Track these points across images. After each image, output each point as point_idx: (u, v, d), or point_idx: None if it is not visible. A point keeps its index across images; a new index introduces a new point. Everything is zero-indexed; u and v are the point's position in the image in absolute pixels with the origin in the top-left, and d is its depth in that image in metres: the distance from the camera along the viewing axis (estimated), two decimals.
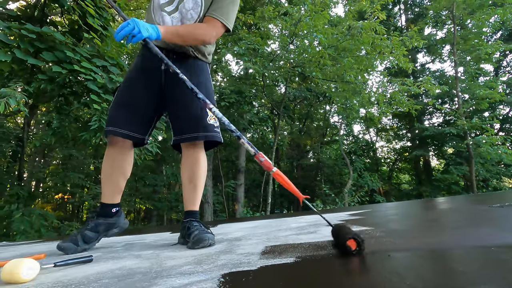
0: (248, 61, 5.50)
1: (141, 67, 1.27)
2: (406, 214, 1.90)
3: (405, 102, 6.48)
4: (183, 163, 1.27)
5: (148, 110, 1.25)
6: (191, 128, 1.21)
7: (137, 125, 1.22)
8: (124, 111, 1.21)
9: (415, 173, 14.99)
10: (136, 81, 1.25)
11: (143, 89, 1.23)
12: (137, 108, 1.22)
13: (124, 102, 1.23)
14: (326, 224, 1.49)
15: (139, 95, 1.23)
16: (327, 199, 11.13)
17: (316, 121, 15.96)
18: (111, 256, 1.06)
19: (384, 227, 1.22)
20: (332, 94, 7.93)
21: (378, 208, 2.74)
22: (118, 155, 1.25)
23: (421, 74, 13.12)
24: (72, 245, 1.13)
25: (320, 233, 1.15)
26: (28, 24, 3.04)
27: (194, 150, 1.25)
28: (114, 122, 1.19)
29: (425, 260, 0.64)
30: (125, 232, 2.57)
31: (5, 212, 4.12)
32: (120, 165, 1.26)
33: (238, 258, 0.80)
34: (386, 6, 13.39)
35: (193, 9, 1.23)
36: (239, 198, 9.28)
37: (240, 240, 1.19)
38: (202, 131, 1.21)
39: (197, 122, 1.21)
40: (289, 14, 5.44)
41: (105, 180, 1.26)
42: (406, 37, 5.53)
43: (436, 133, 12.01)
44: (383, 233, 1.04)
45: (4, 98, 2.56)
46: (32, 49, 3.06)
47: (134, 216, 14.98)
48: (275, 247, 0.93)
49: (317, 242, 0.96)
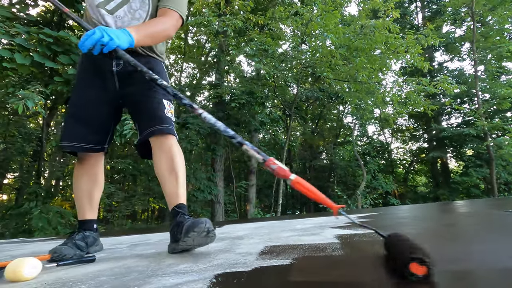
0: (259, 62, 5.50)
1: (91, 73, 1.17)
2: (420, 217, 1.83)
3: (421, 102, 6.29)
4: (157, 156, 1.13)
5: (103, 119, 1.18)
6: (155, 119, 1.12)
7: (93, 136, 1.15)
8: (77, 124, 1.14)
9: (432, 175, 14.53)
10: (88, 89, 1.16)
11: (96, 97, 1.15)
12: (90, 118, 1.15)
13: (76, 115, 1.15)
14: (331, 225, 1.47)
15: (92, 105, 1.15)
16: (339, 201, 10.97)
17: (329, 122, 15.77)
18: (115, 256, 1.08)
19: (391, 231, 1.18)
20: (345, 94, 7.81)
21: (391, 210, 2.67)
22: (89, 171, 1.20)
23: (439, 73, 12.71)
24: (70, 249, 1.04)
25: (323, 235, 1.13)
26: (46, 29, 3.16)
27: (167, 140, 1.13)
28: (69, 136, 1.12)
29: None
30: (136, 231, 2.62)
31: (24, 209, 4.30)
32: (93, 180, 1.20)
33: (235, 258, 0.80)
34: (402, 4, 13.08)
35: (141, 8, 1.17)
36: (251, 198, 9.28)
37: (241, 239, 1.18)
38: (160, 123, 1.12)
39: (156, 115, 1.13)
40: (300, 14, 5.40)
41: (81, 197, 1.19)
42: (421, 35, 5.37)
43: (454, 134, 11.60)
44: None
45: (22, 100, 2.67)
46: (50, 52, 3.18)
47: (148, 215, 15.27)
48: (274, 248, 0.92)
49: (317, 244, 0.94)
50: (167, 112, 1.16)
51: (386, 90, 6.74)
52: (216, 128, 0.99)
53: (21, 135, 7.50)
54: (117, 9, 1.15)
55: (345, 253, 0.78)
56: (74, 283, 0.67)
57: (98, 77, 1.15)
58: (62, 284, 0.67)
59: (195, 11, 6.25)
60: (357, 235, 1.08)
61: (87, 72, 1.18)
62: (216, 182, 8.18)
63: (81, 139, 1.13)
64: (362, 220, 1.72)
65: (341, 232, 1.20)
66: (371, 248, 0.83)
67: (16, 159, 8.57)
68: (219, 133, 1.03)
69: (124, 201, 10.15)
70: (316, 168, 15.28)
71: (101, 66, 1.15)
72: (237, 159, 12.92)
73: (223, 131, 0.97)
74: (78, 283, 0.66)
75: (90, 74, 1.17)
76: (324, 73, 5.73)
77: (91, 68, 1.17)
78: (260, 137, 12.75)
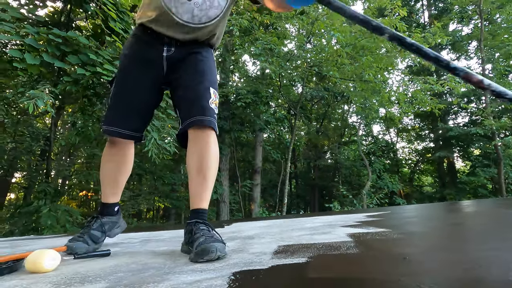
0: (264, 61, 5.50)
1: (140, 57, 1.12)
2: (427, 216, 1.82)
3: (428, 101, 6.24)
4: (190, 151, 1.05)
5: (147, 106, 1.17)
6: (194, 111, 1.04)
7: (136, 123, 1.14)
8: (125, 108, 1.11)
9: (438, 175, 14.41)
10: (136, 73, 1.12)
11: (141, 83, 1.12)
12: (136, 105, 1.12)
13: (122, 99, 1.12)
14: (341, 224, 1.47)
15: (139, 89, 1.11)
16: (344, 200, 10.92)
17: (334, 121, 15.72)
18: (128, 251, 1.09)
19: (402, 229, 1.18)
20: (351, 93, 7.77)
21: (397, 210, 2.65)
22: (120, 154, 1.18)
23: (446, 72, 12.58)
24: (83, 244, 1.05)
25: (335, 234, 1.13)
26: (55, 29, 3.20)
27: (204, 134, 1.05)
28: (113, 121, 1.10)
29: (443, 264, 0.62)
30: (142, 229, 2.64)
31: (34, 207, 4.35)
32: (123, 164, 1.19)
33: (250, 257, 0.81)
34: (408, 2, 12.97)
35: None
36: (255, 198, 9.30)
37: (253, 238, 1.19)
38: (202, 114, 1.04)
39: (199, 104, 1.05)
40: (306, 13, 5.39)
41: (107, 179, 1.19)
42: (428, 34, 5.31)
43: (461, 134, 11.49)
44: (400, 235, 1.00)
45: (33, 100, 2.71)
46: (59, 52, 3.22)
47: (153, 214, 15.37)
48: (287, 247, 0.92)
49: (330, 242, 0.94)
50: (212, 102, 1.09)
51: (392, 89, 6.70)
52: None
53: (29, 135, 7.60)
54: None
55: (360, 251, 0.78)
56: (94, 278, 0.68)
57: (147, 61, 1.12)
58: (81, 278, 0.68)
59: None
60: (370, 233, 1.08)
61: (136, 56, 1.13)
62: (221, 181, 8.21)
63: (123, 125, 1.10)
64: (370, 220, 1.71)
65: (353, 230, 1.20)
66: (386, 247, 0.83)
67: (25, 158, 8.69)
68: None
69: (130, 200, 10.22)
70: (321, 168, 15.24)
71: (151, 50, 1.11)
72: (242, 158, 12.94)
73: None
74: (97, 279, 0.67)
75: (139, 58, 1.13)
76: (330, 72, 5.71)
77: (141, 52, 1.13)
78: (265, 137, 12.74)
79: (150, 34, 1.11)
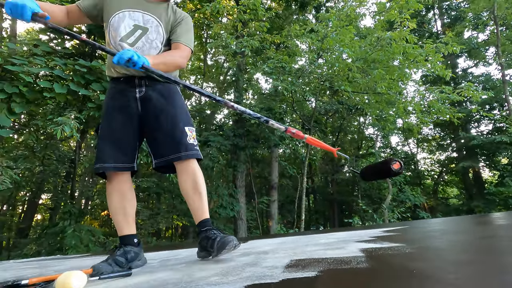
0: (276, 79, 5.62)
1: (117, 99, 1.32)
2: (452, 230, 1.75)
3: (445, 111, 6.08)
4: (182, 178, 1.31)
5: (130, 141, 1.31)
6: (181, 146, 1.29)
7: (125, 157, 1.28)
8: (108, 147, 1.27)
9: (464, 186, 13.72)
10: (114, 114, 1.30)
11: (121, 121, 1.29)
12: (119, 141, 1.28)
13: (106, 139, 1.28)
14: (356, 240, 1.46)
15: (119, 128, 1.29)
16: (365, 215, 10.59)
17: (350, 134, 15.52)
18: (148, 270, 1.15)
19: (418, 244, 1.17)
20: (365, 106, 7.72)
21: (419, 224, 2.57)
22: (124, 187, 1.30)
23: (463, 79, 12.27)
24: (109, 266, 1.12)
25: (348, 249, 1.14)
26: (80, 60, 3.46)
27: (190, 164, 1.31)
28: (100, 159, 1.25)
29: (453, 279, 0.63)
30: (161, 248, 2.70)
31: (59, 228, 4.54)
32: (128, 197, 1.30)
33: (262, 271, 0.84)
34: (419, 13, 12.94)
35: (157, 39, 1.34)
36: (273, 214, 9.20)
37: (267, 253, 1.21)
38: (184, 150, 1.29)
39: (184, 141, 1.30)
40: (315, 31, 5.51)
41: (116, 214, 1.29)
42: (440, 44, 5.27)
43: (485, 142, 11.00)
44: (414, 250, 1.00)
45: (61, 126, 2.91)
46: (84, 81, 3.46)
47: (172, 233, 15.45)
48: (299, 261, 0.95)
49: (342, 257, 0.96)
50: (189, 138, 1.33)
51: (408, 100, 6.60)
52: (247, 113, 1.27)
53: (56, 158, 8.01)
54: (137, 41, 1.31)
55: (370, 266, 0.79)
56: None
57: (124, 103, 1.31)
58: None
59: (214, 34, 6.56)
60: (383, 248, 1.08)
61: (114, 100, 1.33)
62: (238, 198, 8.22)
63: (112, 160, 1.25)
64: (387, 234, 1.68)
65: (366, 246, 1.20)
66: (397, 261, 0.84)
67: (51, 180, 9.11)
68: (250, 117, 1.34)
69: (149, 219, 10.39)
70: (339, 182, 14.94)
71: (126, 93, 1.31)
72: (258, 174, 12.94)
73: (253, 115, 1.27)
74: None
75: (117, 101, 1.32)
76: (342, 86, 5.74)
77: (117, 95, 1.32)
78: (280, 152, 12.74)
79: (122, 81, 1.33)
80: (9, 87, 3.08)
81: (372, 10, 7.50)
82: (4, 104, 3.07)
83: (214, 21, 7.41)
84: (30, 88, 3.24)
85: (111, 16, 1.31)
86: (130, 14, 1.31)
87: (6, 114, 3.05)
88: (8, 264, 1.98)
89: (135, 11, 1.33)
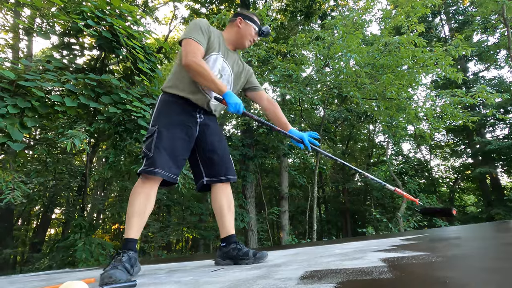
0: (283, 87, 5.60)
1: (183, 117, 1.44)
2: (473, 237, 1.64)
3: (459, 115, 5.91)
4: (220, 197, 1.50)
5: (184, 158, 1.45)
6: (229, 170, 1.53)
7: (176, 169, 1.38)
8: (167, 157, 1.35)
9: (482, 193, 13.23)
10: (179, 131, 1.41)
11: (184, 139, 1.41)
12: (177, 157, 1.39)
13: (167, 150, 1.36)
14: (374, 249, 1.37)
15: (180, 145, 1.40)
16: (379, 225, 10.27)
17: (360, 142, 15.30)
18: (154, 282, 1.09)
19: (443, 252, 1.08)
20: (374, 112, 7.60)
21: (437, 232, 2.44)
22: (152, 193, 1.34)
23: (475, 83, 12.02)
24: (122, 273, 1.09)
25: (366, 259, 1.06)
26: (91, 74, 3.52)
27: (227, 186, 1.54)
28: (161, 165, 1.31)
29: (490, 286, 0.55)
30: (168, 260, 2.63)
31: (70, 241, 4.54)
32: (152, 202, 1.34)
33: (275, 283, 0.77)
34: (425, 18, 12.88)
35: (233, 84, 1.64)
36: (284, 225, 9.02)
37: (279, 266, 1.14)
38: (231, 174, 1.54)
39: (231, 166, 1.55)
40: (321, 39, 5.51)
41: (137, 215, 1.29)
42: (450, 46, 5.17)
43: (502, 147, 10.64)
44: (440, 258, 0.92)
45: (71, 139, 2.94)
46: (94, 94, 3.51)
47: (182, 245, 15.34)
48: (315, 272, 0.87)
49: (362, 268, 0.88)
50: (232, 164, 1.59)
51: (419, 105, 6.46)
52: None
53: (68, 172, 8.13)
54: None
55: (394, 276, 0.72)
56: None
57: (189, 124, 1.44)
58: None
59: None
60: (405, 257, 1.00)
61: (180, 116, 1.43)
62: (248, 209, 8.11)
63: (167, 169, 1.34)
64: (406, 243, 1.58)
65: (387, 255, 1.11)
66: (424, 270, 0.76)
67: (64, 194, 9.24)
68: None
69: (159, 232, 10.35)
70: (351, 191, 14.64)
71: (191, 116, 1.46)
72: (267, 185, 12.81)
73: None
74: None
75: (181, 119, 1.43)
76: (351, 93, 5.67)
77: (184, 115, 1.44)
78: (290, 162, 12.62)
79: (188, 102, 1.45)
80: (22, 102, 3.15)
81: (378, 17, 7.48)
82: (16, 119, 3.13)
83: None
84: (42, 102, 3.31)
85: (208, 55, 1.46)
86: (220, 59, 1.50)
87: (18, 128, 3.11)
88: (17, 278, 1.95)
89: (223, 57, 1.52)
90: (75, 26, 3.51)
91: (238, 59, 1.62)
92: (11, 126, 2.99)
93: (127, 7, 3.89)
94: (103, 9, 3.63)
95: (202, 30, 1.44)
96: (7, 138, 2.98)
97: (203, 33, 1.43)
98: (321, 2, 8.42)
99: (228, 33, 1.59)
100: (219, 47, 1.49)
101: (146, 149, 1.34)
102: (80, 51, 4.37)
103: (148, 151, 1.33)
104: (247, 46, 1.61)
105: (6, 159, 3.89)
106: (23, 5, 4.20)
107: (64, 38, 4.04)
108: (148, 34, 4.25)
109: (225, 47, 1.54)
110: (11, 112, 2.98)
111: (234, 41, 1.58)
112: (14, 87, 3.26)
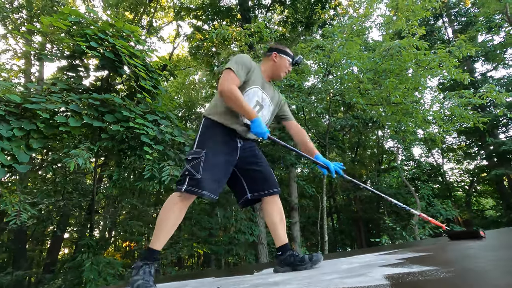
0: (286, 97, 5.57)
1: (226, 143, 1.56)
2: (492, 246, 1.50)
3: (468, 116, 5.75)
4: (272, 209, 1.63)
5: (225, 181, 1.56)
6: (274, 183, 1.65)
7: (217, 189, 1.48)
8: (212, 179, 1.44)
9: (500, 196, 12.73)
10: (223, 155, 1.52)
11: (226, 163, 1.53)
12: (220, 179, 1.50)
13: (215, 172, 1.47)
14: (381, 264, 1.29)
15: (223, 168, 1.51)
16: (394, 233, 9.93)
17: (369, 149, 15.07)
18: None
19: (454, 266, 0.99)
20: (381, 118, 7.48)
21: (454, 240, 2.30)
22: (185, 209, 1.45)
23: (483, 83, 11.79)
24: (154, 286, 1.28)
25: (370, 276, 0.98)
26: (94, 94, 3.58)
27: (277, 198, 1.67)
28: (209, 187, 1.42)
29: None
30: (172, 278, 2.56)
31: (78, 261, 4.52)
32: (181, 216, 1.44)
33: None
34: (427, 22, 12.83)
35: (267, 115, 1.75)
36: (295, 237, 8.83)
37: (277, 285, 1.07)
38: (277, 187, 1.67)
39: (274, 179, 1.67)
40: (321, 47, 5.51)
41: (167, 229, 1.39)
42: (453, 47, 5.09)
43: None
44: (450, 274, 0.84)
45: (74, 158, 2.96)
46: (97, 113, 3.56)
47: (193, 261, 15.16)
48: None
49: (363, 286, 0.81)
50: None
51: (426, 108, 6.33)
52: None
53: (78, 191, 8.21)
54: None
55: None
56: None
57: (231, 150, 1.56)
58: None
59: (222, 59, 6.73)
60: (412, 273, 0.92)
61: (222, 141, 1.54)
62: (257, 221, 7.99)
63: (214, 192, 1.44)
64: (415, 255, 1.49)
65: (393, 271, 1.03)
66: None
67: (75, 214, 9.31)
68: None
69: (169, 248, 10.25)
70: (362, 199, 14.31)
71: (232, 142, 1.58)
72: None
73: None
74: None
75: (223, 144, 1.54)
76: (354, 99, 5.60)
77: (224, 139, 1.55)
78: (298, 171, 12.48)
79: (230, 130, 1.57)
80: (28, 124, 3.21)
81: (378, 23, 7.47)
82: (22, 141, 3.18)
83: (223, 47, 7.64)
84: (47, 124, 3.37)
85: (249, 87, 1.59)
86: (259, 91, 1.63)
87: (24, 150, 3.16)
88: None
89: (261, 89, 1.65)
90: (78, 48, 3.60)
91: (274, 89, 1.76)
92: (17, 148, 3.04)
93: (129, 27, 3.98)
94: (105, 31, 3.72)
95: (243, 64, 1.57)
96: (13, 160, 3.03)
97: (244, 67, 1.57)
98: (320, 12, 8.49)
99: (265, 66, 1.74)
100: (258, 80, 1.63)
101: (193, 170, 1.42)
102: (85, 72, 4.47)
103: (196, 172, 1.42)
104: (282, 77, 1.78)
105: (14, 181, 3.95)
106: (33, 32, 4.35)
107: (70, 60, 4.15)
108: (150, 52, 4.33)
109: (262, 79, 1.68)
110: (17, 135, 3.04)
111: (271, 73, 1.73)
112: (20, 110, 3.33)
